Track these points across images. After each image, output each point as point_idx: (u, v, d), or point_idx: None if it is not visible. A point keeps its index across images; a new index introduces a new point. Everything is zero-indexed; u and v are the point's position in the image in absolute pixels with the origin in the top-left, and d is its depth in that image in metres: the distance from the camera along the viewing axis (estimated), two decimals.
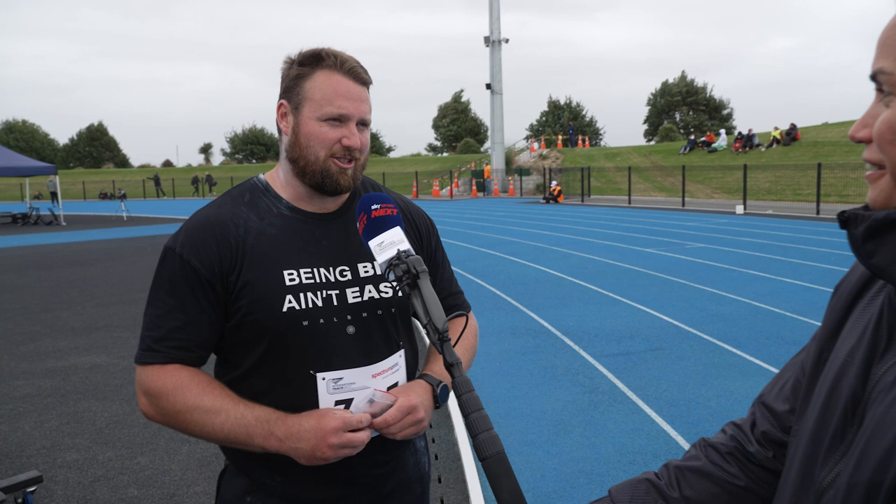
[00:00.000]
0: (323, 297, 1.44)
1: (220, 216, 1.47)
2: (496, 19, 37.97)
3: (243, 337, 1.45)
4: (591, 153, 43.75)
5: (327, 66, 1.43)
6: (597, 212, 24.63)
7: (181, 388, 1.39)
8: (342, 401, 1.43)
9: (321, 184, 1.46)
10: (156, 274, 1.46)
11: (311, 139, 1.44)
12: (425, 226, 1.69)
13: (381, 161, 59.59)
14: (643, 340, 6.71)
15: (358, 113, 1.45)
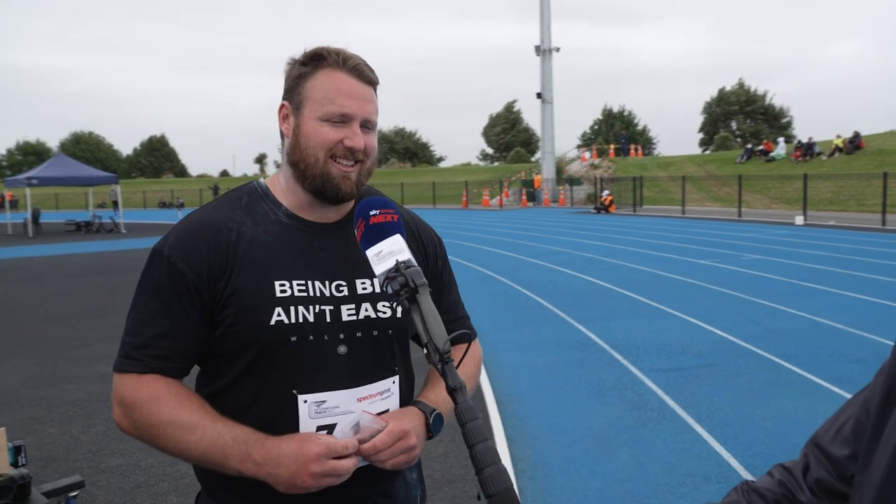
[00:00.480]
0: (315, 312, 1.34)
1: (213, 219, 1.38)
2: (546, 28, 37.77)
3: (228, 348, 1.35)
4: (644, 162, 43.02)
5: (329, 65, 1.34)
6: (649, 222, 24.14)
7: (156, 400, 1.30)
8: (324, 426, 1.31)
9: (321, 189, 1.36)
10: (142, 276, 1.37)
11: (310, 140, 1.34)
12: (432, 244, 1.58)
13: (432, 171, 59.81)
14: (695, 355, 6.46)
15: (362, 112, 1.35)
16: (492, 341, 7.27)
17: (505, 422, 4.88)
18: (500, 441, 4.52)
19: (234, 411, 1.33)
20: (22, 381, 6.29)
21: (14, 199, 35.73)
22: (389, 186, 45.26)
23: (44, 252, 19.48)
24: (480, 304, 9.38)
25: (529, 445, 4.46)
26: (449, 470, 4.17)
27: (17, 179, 26.50)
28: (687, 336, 7.21)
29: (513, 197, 39.61)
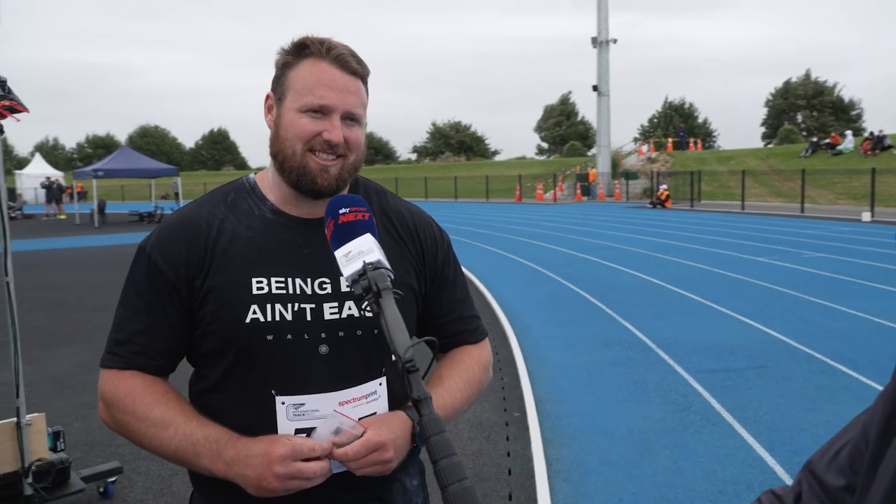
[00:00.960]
0: (294, 310, 1.29)
1: (195, 216, 1.35)
2: (604, 20, 37.10)
3: (209, 347, 1.32)
4: (703, 156, 41.90)
5: (312, 54, 1.29)
6: (706, 217, 23.49)
7: (132, 396, 1.28)
8: (303, 429, 1.26)
9: (297, 182, 1.31)
10: (128, 273, 1.36)
11: (289, 131, 1.29)
12: (431, 238, 1.49)
13: (486, 164, 59.59)
14: (745, 357, 6.22)
15: (342, 104, 1.28)
16: (535, 338, 7.16)
17: (542, 421, 4.79)
18: (535, 441, 4.43)
19: (220, 411, 1.31)
20: (76, 366, 6.49)
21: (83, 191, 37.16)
22: (443, 180, 45.29)
23: (108, 242, 20.21)
24: (527, 301, 9.27)
25: (566, 446, 4.36)
26: (482, 468, 4.11)
27: (85, 171, 27.52)
28: (738, 336, 6.96)
29: (567, 191, 39.12)
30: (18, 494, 3.41)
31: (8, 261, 3.30)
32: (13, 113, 3.20)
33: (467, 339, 1.53)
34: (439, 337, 1.52)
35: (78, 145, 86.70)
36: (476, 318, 1.56)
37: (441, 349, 1.54)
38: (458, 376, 1.45)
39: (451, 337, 1.51)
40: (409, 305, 1.41)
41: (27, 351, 7.01)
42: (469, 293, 1.58)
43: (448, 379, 1.44)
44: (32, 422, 3.41)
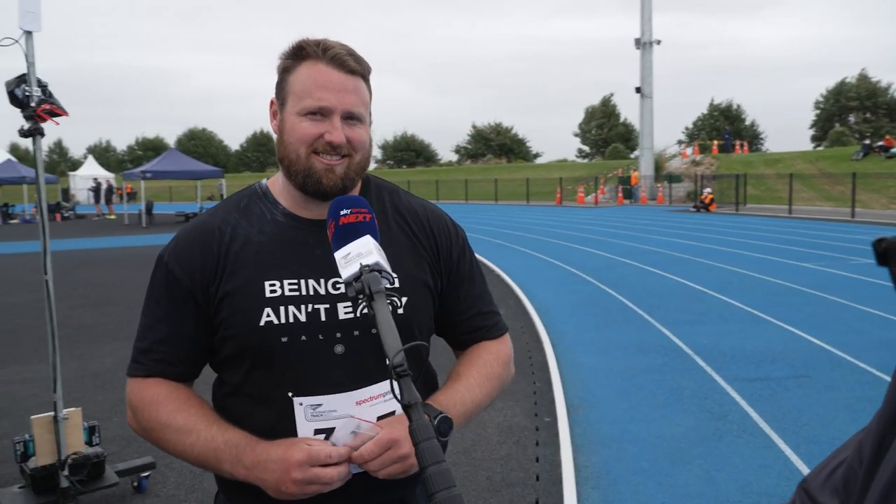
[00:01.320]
0: (308, 311, 1.29)
1: (209, 223, 1.37)
2: (647, 20, 36.60)
3: (228, 353, 1.34)
4: (750, 159, 40.99)
5: (309, 56, 1.29)
6: (751, 221, 22.96)
7: (156, 403, 1.31)
8: (322, 430, 1.27)
9: (303, 184, 1.32)
10: (149, 282, 1.39)
11: (291, 135, 1.30)
12: (445, 234, 1.48)
13: (527, 167, 59.32)
14: (786, 365, 6.05)
15: (341, 105, 1.28)
16: (570, 342, 7.09)
17: (573, 427, 4.73)
18: (564, 447, 4.38)
19: (242, 416, 1.33)
20: (118, 363, 6.66)
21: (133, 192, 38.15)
22: (483, 182, 45.23)
23: (155, 241, 20.68)
24: (562, 304, 9.18)
25: (596, 453, 4.29)
26: (509, 473, 4.08)
27: (134, 173, 28.26)
28: (780, 344, 6.77)
29: (609, 194, 38.67)
30: (55, 486, 3.50)
31: (47, 259, 3.39)
32: (53, 116, 3.29)
33: (486, 334, 1.52)
34: (458, 333, 1.52)
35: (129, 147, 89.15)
36: (495, 314, 1.55)
37: (460, 346, 1.53)
38: (476, 372, 1.45)
39: (469, 333, 1.51)
40: (426, 302, 1.41)
41: (74, 346, 7.23)
42: (487, 288, 1.57)
43: (466, 375, 1.44)
44: (69, 416, 3.50)
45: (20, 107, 3.27)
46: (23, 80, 3.28)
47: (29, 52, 3.27)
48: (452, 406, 1.36)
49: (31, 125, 3.27)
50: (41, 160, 3.37)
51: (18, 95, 3.26)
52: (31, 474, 3.49)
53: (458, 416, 1.36)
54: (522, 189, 40.74)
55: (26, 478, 3.55)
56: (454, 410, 1.35)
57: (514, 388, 5.61)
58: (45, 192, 3.45)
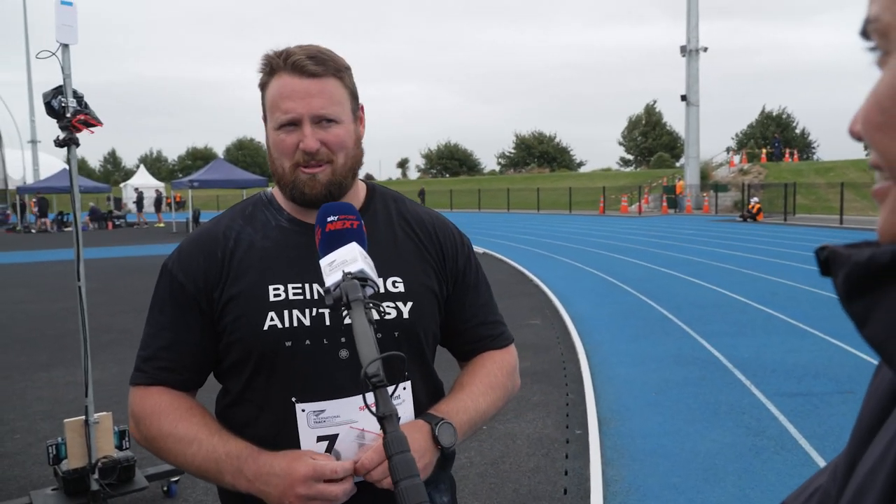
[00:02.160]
0: (312, 315, 1.28)
1: (213, 230, 1.38)
2: (693, 27, 36.04)
3: (232, 359, 1.33)
4: (800, 168, 39.96)
5: (277, 69, 1.30)
6: (800, 232, 22.34)
7: (158, 412, 1.31)
8: (325, 436, 1.25)
9: (292, 196, 1.33)
10: (153, 292, 1.39)
11: (274, 150, 1.32)
12: (451, 242, 1.47)
13: (570, 176, 58.91)
14: (830, 380, 5.83)
15: (307, 110, 1.27)
16: (605, 354, 6.97)
17: (604, 440, 4.64)
18: (594, 460, 4.29)
19: (244, 424, 1.32)
20: None
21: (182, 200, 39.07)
22: (526, 192, 45.07)
23: None
24: (600, 315, 9.05)
25: (626, 467, 4.20)
26: (537, 486, 4.01)
27: (182, 182, 28.97)
28: (824, 358, 6.54)
29: (653, 203, 38.13)
30: (86, 489, 3.57)
31: (80, 267, 3.48)
32: (87, 126, 3.38)
33: (490, 344, 1.50)
34: (462, 343, 1.50)
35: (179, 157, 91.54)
36: (500, 324, 1.53)
37: (464, 356, 1.52)
38: (479, 381, 1.43)
39: (473, 343, 1.49)
40: (431, 308, 1.40)
41: (116, 351, 7.41)
42: (493, 298, 1.55)
43: (469, 385, 1.42)
44: (99, 420, 3.57)
45: (56, 117, 3.37)
46: (59, 92, 3.38)
47: (65, 65, 3.37)
48: (455, 415, 1.34)
49: (67, 135, 3.37)
50: (76, 169, 3.46)
51: (55, 106, 3.36)
52: (63, 477, 3.57)
53: (462, 424, 1.34)
54: (565, 198, 40.46)
55: (59, 480, 3.63)
56: (457, 419, 1.33)
57: (547, 400, 5.53)
58: (80, 201, 3.53)
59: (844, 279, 0.49)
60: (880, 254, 0.47)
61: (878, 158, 0.48)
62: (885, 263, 0.46)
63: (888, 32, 0.47)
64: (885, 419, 0.57)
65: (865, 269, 0.48)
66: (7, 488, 4.09)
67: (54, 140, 3.35)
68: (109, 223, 33.60)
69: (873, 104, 0.47)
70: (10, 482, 4.18)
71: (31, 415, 5.45)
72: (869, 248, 0.49)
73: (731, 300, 9.87)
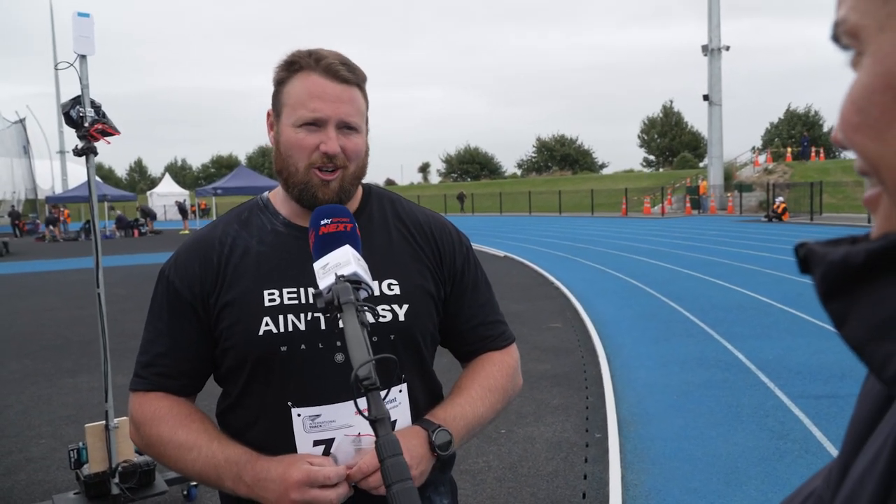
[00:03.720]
0: (307, 319, 1.28)
1: (209, 235, 1.38)
2: (715, 26, 35.68)
3: (229, 364, 1.34)
4: (826, 166, 39.32)
5: (304, 67, 1.29)
6: (827, 231, 21.97)
7: (157, 418, 1.31)
8: (321, 440, 1.25)
9: (300, 197, 1.31)
10: (151, 298, 1.40)
11: (289, 148, 1.30)
12: (449, 242, 1.46)
13: (592, 178, 58.61)
14: (856, 382, 5.69)
15: (335, 114, 1.27)
16: (626, 357, 6.91)
17: (624, 444, 4.59)
18: (614, 464, 4.24)
19: (242, 429, 1.33)
20: None
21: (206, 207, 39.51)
22: (547, 194, 44.92)
23: None
24: (622, 317, 8.97)
25: (646, 471, 4.15)
26: (555, 490, 3.98)
27: (206, 190, 29.33)
28: (850, 360, 6.40)
29: (676, 204, 37.76)
30: (107, 493, 3.61)
31: (99, 274, 3.52)
32: (105, 136, 3.43)
33: (491, 344, 1.49)
34: (462, 344, 1.49)
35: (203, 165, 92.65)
36: (501, 324, 1.52)
37: (465, 357, 1.51)
38: (478, 384, 1.42)
39: (473, 344, 1.48)
40: (428, 310, 1.39)
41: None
42: (494, 298, 1.54)
43: (467, 388, 1.41)
44: (119, 425, 3.61)
45: (75, 127, 3.43)
46: (77, 102, 3.44)
47: (83, 75, 3.43)
48: (452, 420, 1.33)
49: (85, 144, 3.42)
50: (94, 177, 3.51)
51: (73, 116, 3.42)
52: (84, 481, 3.61)
53: (459, 430, 1.33)
54: (587, 200, 40.24)
55: (80, 484, 3.68)
56: (454, 425, 1.32)
57: (567, 403, 5.50)
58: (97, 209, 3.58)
59: (821, 279, 0.48)
60: (854, 253, 0.46)
61: (861, 163, 0.47)
62: (859, 263, 0.45)
63: (857, 33, 0.46)
64: (877, 422, 0.55)
65: (841, 268, 0.47)
66: (32, 492, 4.15)
67: (73, 149, 3.41)
68: (136, 231, 34.09)
69: (850, 106, 0.46)
70: (35, 486, 4.25)
71: (57, 420, 5.53)
72: (847, 245, 0.48)
73: (756, 301, 9.73)
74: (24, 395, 6.25)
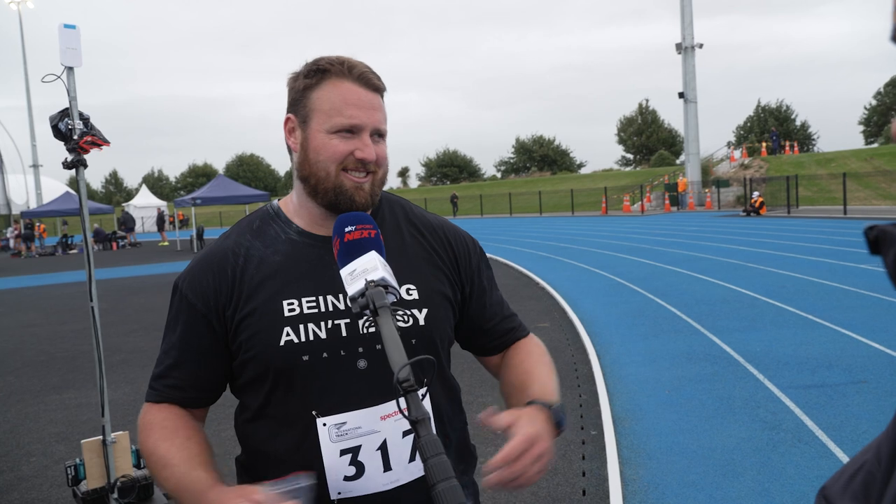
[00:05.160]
0: (328, 327, 1.29)
1: (222, 247, 1.38)
2: (688, 24, 36.09)
3: (248, 377, 1.33)
4: (801, 160, 39.91)
5: (335, 74, 1.30)
6: (804, 224, 22.30)
7: (149, 429, 1.31)
8: (347, 449, 1.25)
9: (335, 202, 1.31)
10: (168, 311, 1.41)
11: (320, 153, 1.30)
12: (463, 246, 1.48)
13: (571, 178, 58.93)
14: (844, 371, 5.82)
15: (371, 122, 1.30)
16: (616, 354, 6.96)
17: (619, 440, 4.63)
18: (611, 460, 4.28)
19: (265, 440, 1.32)
20: None
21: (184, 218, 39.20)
22: (527, 195, 45.10)
23: None
24: (609, 315, 9.04)
25: (643, 465, 4.19)
26: (556, 488, 4.01)
27: (185, 200, 29.04)
28: (836, 349, 6.52)
29: (655, 202, 38.10)
30: None
31: (93, 287, 3.49)
32: (94, 146, 3.40)
33: (517, 335, 1.55)
34: (489, 340, 1.53)
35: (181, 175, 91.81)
36: (516, 317, 1.59)
37: (492, 352, 1.55)
38: (538, 363, 1.47)
39: (501, 337, 1.53)
40: (446, 314, 1.41)
41: (128, 371, 7.42)
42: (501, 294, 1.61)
43: (535, 369, 1.45)
44: (117, 439, 3.58)
45: (63, 140, 3.39)
46: (65, 114, 3.40)
47: (70, 87, 3.40)
48: (552, 395, 1.36)
49: (75, 157, 3.39)
50: (84, 190, 3.48)
51: (62, 129, 3.39)
52: (82, 498, 3.57)
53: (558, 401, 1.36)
54: (567, 200, 40.47)
55: (78, 501, 3.64)
56: (555, 399, 1.35)
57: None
58: (90, 222, 3.55)
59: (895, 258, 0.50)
60: None
61: None
62: None
63: None
64: None
65: None
66: None
67: (62, 162, 3.38)
68: (114, 244, 33.70)
69: None
70: None
71: (46, 437, 5.46)
72: None
73: (740, 295, 9.85)
74: (11, 414, 6.16)
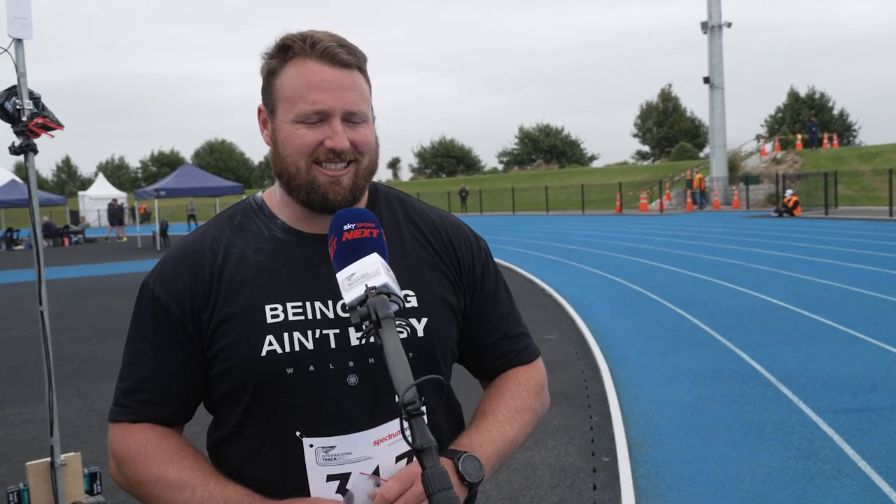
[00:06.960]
0: (315, 337, 1.27)
1: (199, 243, 1.35)
2: (715, 1, 36.21)
3: (225, 389, 1.31)
4: (840, 154, 40.07)
5: (298, 54, 1.26)
6: (844, 226, 22.38)
7: (144, 454, 1.28)
8: (335, 475, 1.24)
9: (307, 200, 1.29)
10: (132, 314, 1.37)
11: (287, 146, 1.27)
12: (467, 247, 1.45)
13: (581, 172, 59.07)
14: (889, 393, 5.82)
15: (340, 105, 1.25)
16: (631, 370, 6.96)
17: (636, 468, 4.62)
18: (626, 491, 4.27)
19: (242, 462, 1.30)
20: None
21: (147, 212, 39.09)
22: (532, 191, 45.17)
23: None
24: (624, 327, 9.05)
25: (661, 497, 4.18)
26: None
27: (147, 191, 29.01)
28: (881, 368, 6.53)
29: (676, 200, 38.20)
30: None
31: (42, 289, 3.46)
32: (47, 130, 3.37)
33: (515, 360, 1.50)
34: (483, 360, 1.49)
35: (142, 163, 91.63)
36: (525, 336, 1.53)
37: (487, 375, 1.51)
38: (504, 406, 1.42)
39: (496, 360, 1.49)
40: (449, 323, 1.39)
41: (81, 383, 7.38)
42: (515, 307, 1.55)
43: (493, 411, 1.41)
44: (67, 462, 3.55)
45: (10, 122, 3.36)
46: (13, 93, 3.37)
47: (19, 62, 3.37)
48: (479, 447, 1.33)
49: (23, 141, 3.36)
50: (34, 179, 3.45)
51: (9, 109, 3.35)
52: None
53: (489, 456, 1.33)
54: (577, 197, 40.54)
55: None
56: (482, 451, 1.32)
57: (569, 424, 5.52)
58: (40, 214, 3.52)
59: None
60: None
61: None
62: None
63: None
64: None
65: None
66: None
67: (9, 147, 3.35)
68: (66, 239, 33.60)
69: None
70: None
71: None
72: None
73: (771, 305, 9.87)
74: None
